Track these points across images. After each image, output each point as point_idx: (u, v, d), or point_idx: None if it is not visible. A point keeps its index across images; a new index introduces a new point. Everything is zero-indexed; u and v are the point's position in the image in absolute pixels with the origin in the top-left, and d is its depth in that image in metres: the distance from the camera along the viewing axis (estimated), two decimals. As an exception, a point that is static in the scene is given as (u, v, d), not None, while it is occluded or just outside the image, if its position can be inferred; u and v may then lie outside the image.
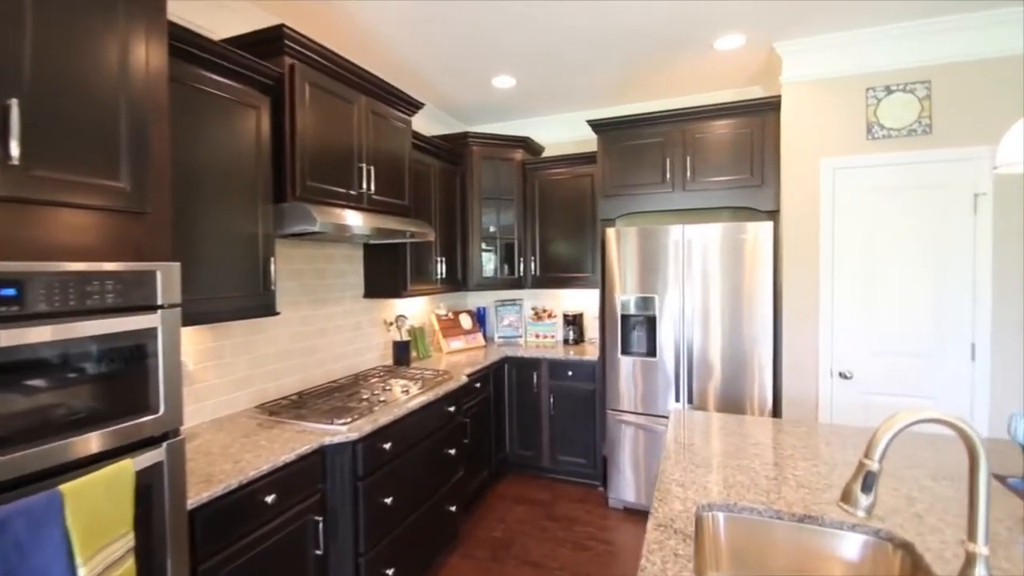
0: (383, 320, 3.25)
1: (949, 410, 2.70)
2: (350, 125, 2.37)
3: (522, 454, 3.67)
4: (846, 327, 2.82)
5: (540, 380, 3.59)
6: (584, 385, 3.47)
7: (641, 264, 3.11)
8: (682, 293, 3.02)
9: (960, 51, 2.57)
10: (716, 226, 2.95)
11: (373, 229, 2.29)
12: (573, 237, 3.78)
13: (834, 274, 2.84)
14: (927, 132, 2.65)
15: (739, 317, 2.92)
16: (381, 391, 2.47)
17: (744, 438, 1.87)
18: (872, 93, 2.73)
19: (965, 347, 2.64)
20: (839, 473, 1.54)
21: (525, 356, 3.62)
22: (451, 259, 3.55)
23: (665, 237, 3.05)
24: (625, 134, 3.29)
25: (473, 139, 3.69)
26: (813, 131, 2.84)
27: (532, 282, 3.92)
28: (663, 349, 3.08)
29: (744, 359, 2.92)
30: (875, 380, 2.78)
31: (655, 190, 3.23)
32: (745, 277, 2.90)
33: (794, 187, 2.89)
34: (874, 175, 2.75)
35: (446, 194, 3.50)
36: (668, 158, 3.18)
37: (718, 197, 3.10)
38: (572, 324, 3.96)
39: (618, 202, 3.33)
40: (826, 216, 2.83)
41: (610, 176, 3.34)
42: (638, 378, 3.15)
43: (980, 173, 2.58)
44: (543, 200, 3.86)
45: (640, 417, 3.14)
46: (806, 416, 2.89)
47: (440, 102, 3.76)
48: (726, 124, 3.06)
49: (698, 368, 3.01)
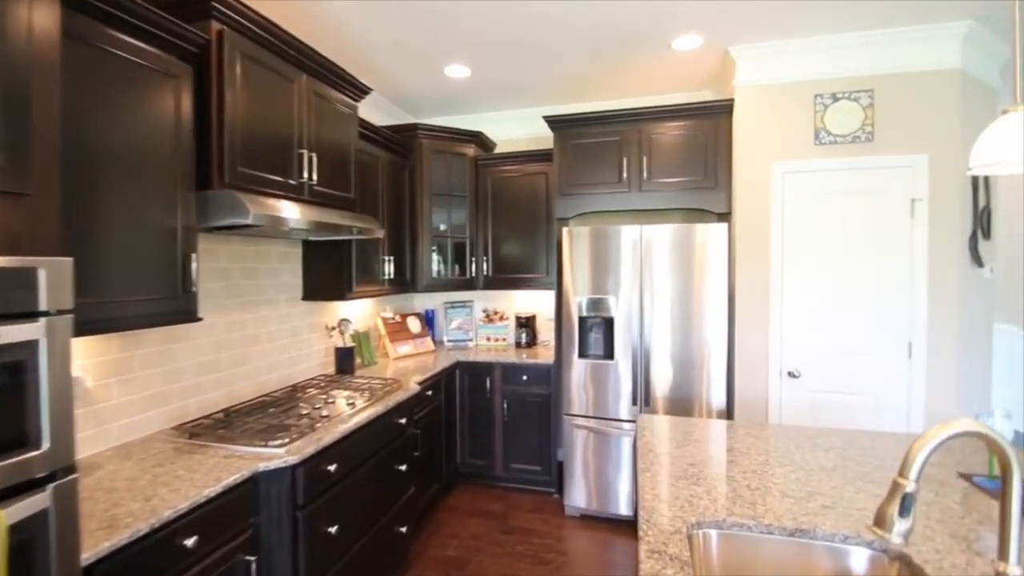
0: (324, 325, 2.97)
1: (888, 406, 2.83)
2: (289, 106, 2.11)
3: (474, 463, 3.49)
4: (795, 327, 2.88)
5: (493, 385, 3.43)
6: (539, 389, 3.35)
7: (598, 265, 3.04)
8: (640, 294, 2.98)
9: (901, 62, 2.69)
10: (674, 227, 2.93)
11: (314, 223, 2.05)
12: (526, 237, 3.66)
13: (784, 276, 2.89)
14: (870, 139, 2.75)
15: (696, 319, 2.91)
16: (323, 405, 2.22)
17: (716, 444, 1.81)
18: (820, 100, 2.81)
19: (903, 346, 2.76)
20: (817, 479, 1.50)
21: (478, 360, 3.45)
22: (399, 258, 3.32)
23: (623, 238, 2.99)
24: (581, 132, 3.21)
25: (423, 131, 3.48)
26: (764, 135, 2.88)
27: (484, 283, 3.76)
28: (620, 352, 3.02)
29: (701, 361, 2.91)
30: (821, 379, 2.86)
31: (612, 190, 3.17)
32: (702, 279, 2.90)
33: (746, 190, 2.92)
34: (821, 180, 2.83)
35: (394, 189, 3.27)
36: (625, 158, 3.13)
37: (673, 198, 3.09)
38: (525, 326, 3.84)
39: (574, 201, 3.25)
40: (776, 219, 2.88)
41: (566, 174, 3.25)
42: (595, 381, 3.07)
43: (917, 179, 2.71)
44: (496, 198, 3.71)
45: (597, 422, 3.06)
46: (757, 415, 2.93)
47: (389, 90, 3.52)
48: (681, 125, 3.06)
49: (655, 370, 2.97)
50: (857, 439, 1.86)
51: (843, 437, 1.88)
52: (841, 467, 1.60)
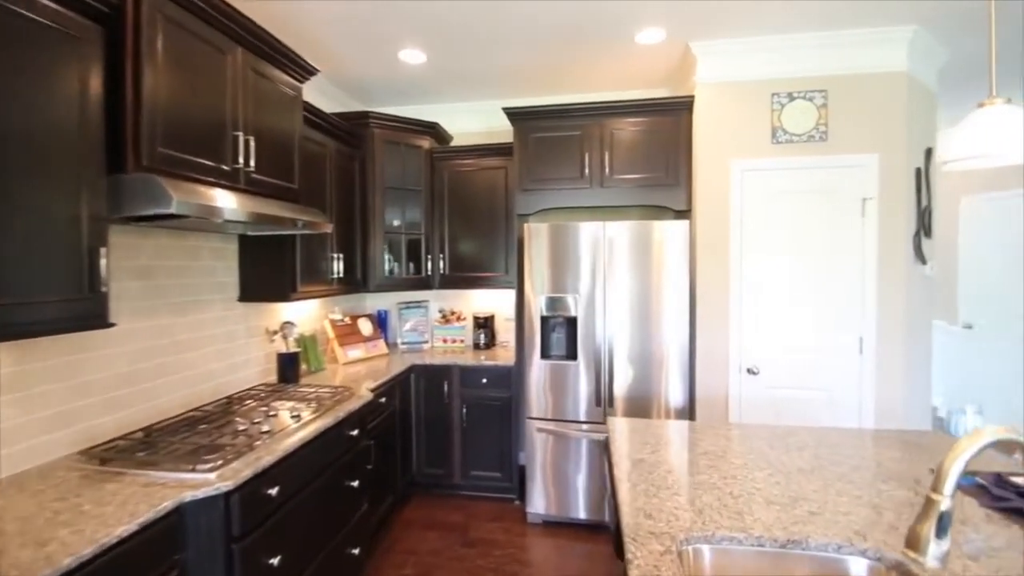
0: (265, 328, 2.70)
1: (841, 400, 2.89)
2: (222, 82, 1.86)
3: (432, 473, 3.31)
4: (754, 325, 2.90)
5: (451, 389, 3.26)
6: (499, 393, 3.22)
7: (560, 263, 2.94)
8: (604, 293, 2.90)
9: (852, 64, 2.75)
10: (636, 224, 2.87)
11: (253, 215, 1.82)
12: (485, 234, 3.52)
13: (743, 274, 2.90)
14: (823, 139, 2.80)
15: (658, 317, 2.87)
16: (264, 419, 1.98)
17: (691, 447, 1.74)
18: (777, 99, 2.83)
19: (854, 341, 2.83)
20: (796, 482, 1.45)
21: (434, 364, 3.27)
22: (349, 256, 3.09)
23: (586, 234, 2.91)
24: (542, 125, 3.10)
25: (376, 120, 3.26)
26: (724, 133, 2.88)
27: (440, 282, 3.59)
28: (584, 352, 2.93)
29: (663, 359, 2.87)
30: (778, 375, 2.89)
31: (573, 185, 3.08)
32: (665, 276, 2.86)
33: (706, 187, 2.91)
34: (778, 178, 2.85)
35: (344, 181, 3.04)
36: (587, 153, 3.05)
37: (635, 195, 3.03)
38: (483, 327, 3.70)
39: (535, 197, 3.13)
40: (735, 217, 2.89)
41: (527, 169, 3.13)
42: (557, 383, 2.97)
43: (868, 178, 2.78)
44: (453, 193, 3.55)
45: (559, 424, 2.97)
46: (717, 413, 2.93)
47: (339, 76, 3.27)
48: (643, 122, 3.01)
49: (618, 370, 2.90)
50: (826, 437, 1.85)
51: (813, 435, 1.86)
52: (818, 468, 1.56)
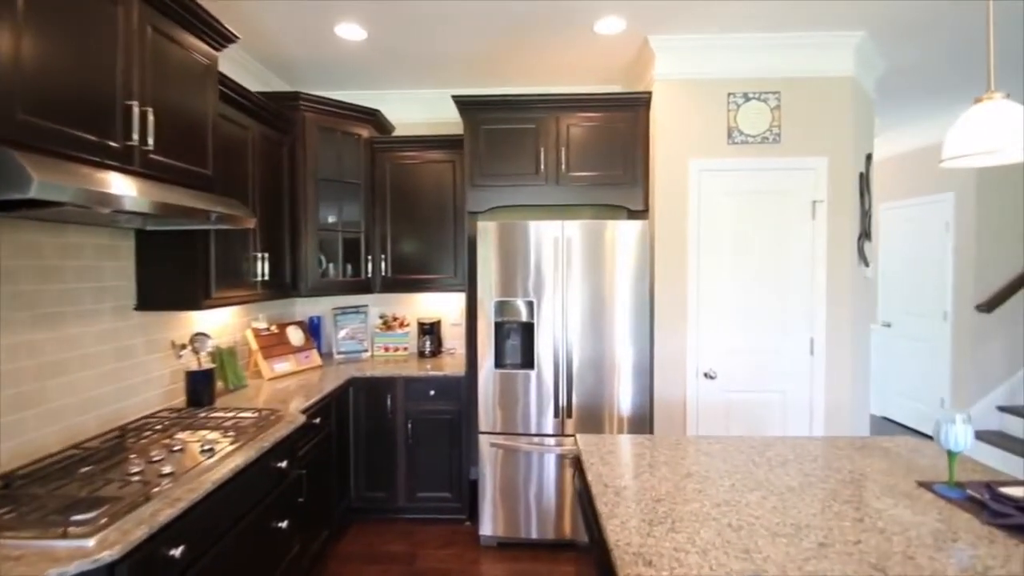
0: (170, 342, 2.28)
1: (793, 401, 2.89)
2: (111, 37, 1.49)
3: (372, 497, 2.99)
4: (711, 327, 2.84)
5: (395, 403, 2.96)
6: (448, 405, 2.96)
7: (516, 264, 2.73)
8: (563, 296, 2.73)
9: (804, 67, 2.75)
10: (597, 224, 2.72)
11: (153, 204, 1.46)
12: (431, 232, 3.24)
13: (700, 276, 2.84)
14: (777, 140, 2.79)
15: (620, 321, 2.73)
16: (166, 456, 1.62)
17: (671, 468, 1.59)
18: (733, 99, 2.78)
19: (806, 342, 2.84)
20: (793, 505, 1.32)
21: (376, 375, 2.96)
22: (276, 256, 2.71)
23: (543, 234, 2.72)
24: (495, 117, 2.88)
25: (308, 103, 2.90)
26: (682, 131, 2.80)
27: (381, 285, 3.27)
28: (541, 359, 2.74)
29: (624, 365, 2.74)
30: (734, 378, 2.85)
31: (528, 182, 2.89)
32: (627, 279, 2.73)
33: (665, 187, 2.81)
34: (734, 179, 2.81)
35: (270, 170, 2.66)
36: (542, 148, 2.87)
37: (592, 194, 2.89)
38: (429, 333, 3.42)
39: (487, 194, 2.91)
40: (693, 218, 2.82)
41: (478, 164, 2.90)
42: (512, 394, 2.76)
43: (818, 181, 2.80)
44: (396, 187, 3.24)
45: (515, 439, 2.75)
46: (675, 418, 2.84)
47: (265, 53, 2.88)
48: (601, 117, 2.87)
49: (579, 378, 2.74)
50: (804, 448, 1.76)
51: (790, 447, 1.77)
52: (807, 486, 1.45)
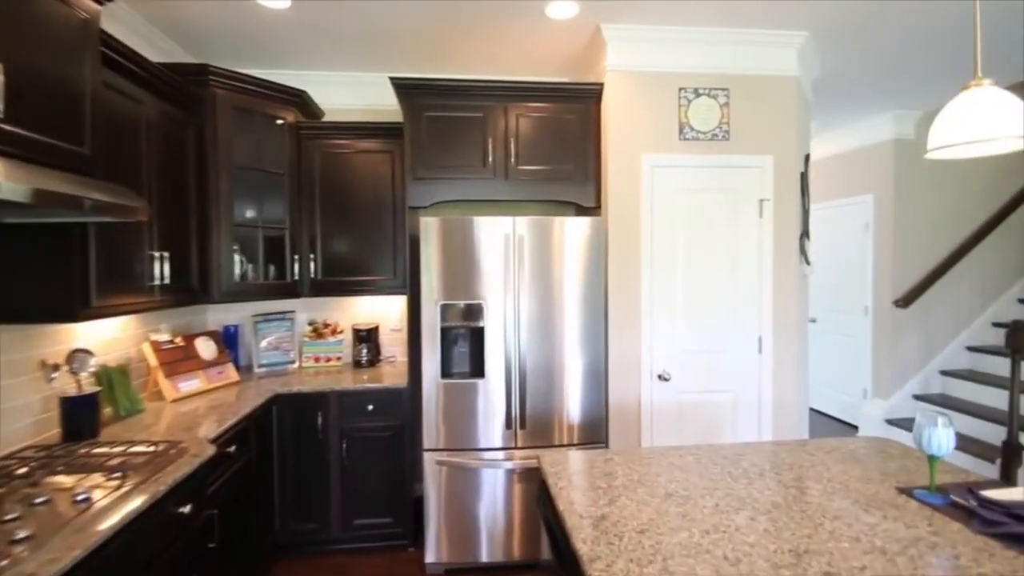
0: (39, 362, 1.85)
1: (743, 400, 2.87)
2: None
3: (301, 529, 2.65)
4: (664, 328, 2.76)
5: (327, 421, 2.64)
6: (388, 421, 2.68)
7: (464, 263, 2.51)
8: (516, 298, 2.53)
9: (752, 64, 2.74)
10: (552, 220, 2.55)
11: (8, 187, 1.11)
12: (368, 230, 2.94)
13: (653, 274, 2.75)
14: (726, 138, 2.76)
15: (575, 323, 2.58)
16: (24, 511, 1.25)
17: (648, 488, 1.43)
18: (684, 94, 2.72)
19: (754, 341, 2.83)
20: (785, 526, 1.20)
21: (304, 391, 2.62)
22: (180, 255, 2.32)
23: (494, 231, 2.51)
24: (439, 103, 2.64)
25: (220, 78, 2.51)
26: (634, 125, 2.70)
27: (310, 288, 2.92)
28: (492, 367, 2.53)
29: (581, 369, 2.59)
30: (687, 379, 2.79)
31: (475, 175, 2.67)
32: (583, 278, 2.58)
33: (618, 183, 2.70)
34: (685, 176, 2.75)
35: (171, 155, 2.26)
36: (490, 139, 2.66)
37: (543, 189, 2.72)
38: (365, 341, 3.11)
39: (430, 187, 2.66)
40: (646, 214, 2.72)
41: (420, 154, 2.64)
42: (461, 406, 2.53)
43: (765, 179, 2.80)
44: (327, 179, 2.91)
45: (464, 455, 2.53)
46: (630, 421, 2.73)
47: (171, 21, 2.47)
48: (552, 108, 2.71)
49: (533, 386, 2.55)
50: (777, 456, 1.68)
51: (762, 455, 1.68)
52: (793, 501, 1.34)
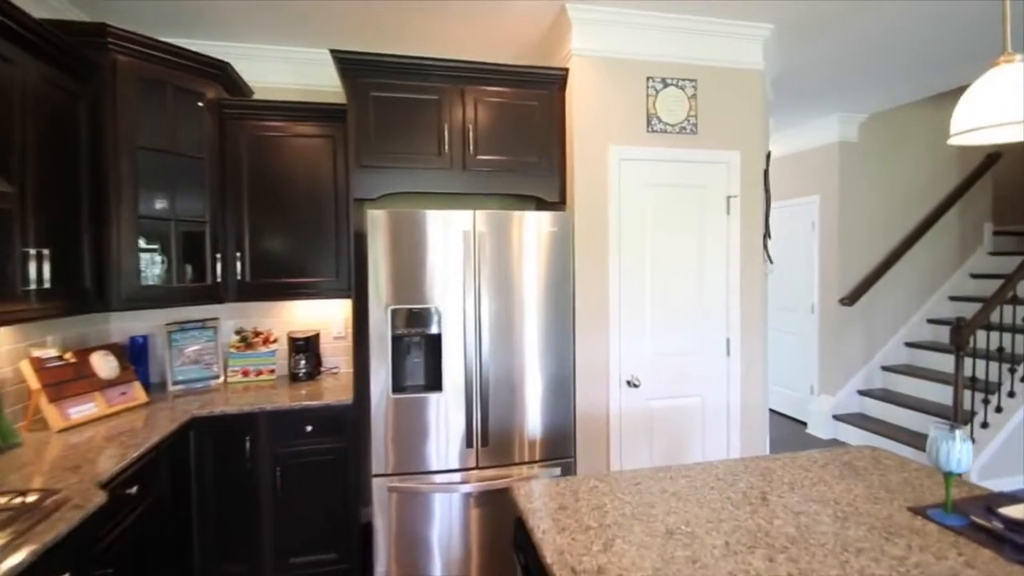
0: None
1: (712, 405, 2.76)
2: None
3: (226, 573, 2.27)
4: (633, 331, 2.60)
5: (257, 446, 2.28)
6: (330, 443, 2.35)
7: (417, 263, 2.23)
8: (477, 301, 2.28)
9: (720, 56, 2.63)
10: (516, 215, 2.32)
11: None
12: (306, 224, 2.60)
13: (622, 274, 2.58)
14: (694, 132, 2.64)
15: (542, 327, 2.36)
16: None
17: (645, 524, 1.22)
18: (652, 83, 2.58)
19: (722, 343, 2.73)
20: (811, 568, 1.03)
21: (230, 412, 2.24)
22: (68, 254, 1.91)
23: (453, 226, 2.26)
24: (388, 83, 2.36)
25: (120, 41, 2.11)
26: (601, 114, 2.52)
27: (237, 292, 2.54)
28: (450, 379, 2.27)
29: (548, 377, 2.37)
30: (656, 384, 2.64)
31: (429, 165, 2.40)
32: (551, 278, 2.37)
33: (585, 175, 2.51)
34: (653, 170, 2.61)
35: (56, 130, 1.85)
36: (446, 124, 2.40)
37: (504, 181, 2.49)
38: (304, 351, 2.75)
39: (379, 177, 2.37)
40: (614, 210, 2.55)
41: (367, 140, 2.34)
42: (415, 423, 2.24)
43: (732, 176, 2.70)
44: (257, 167, 2.54)
45: (419, 479, 2.24)
46: (598, 430, 2.55)
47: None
48: (512, 93, 2.49)
49: (495, 398, 2.31)
50: (770, 471, 1.53)
51: (755, 472, 1.52)
52: (807, 532, 1.18)
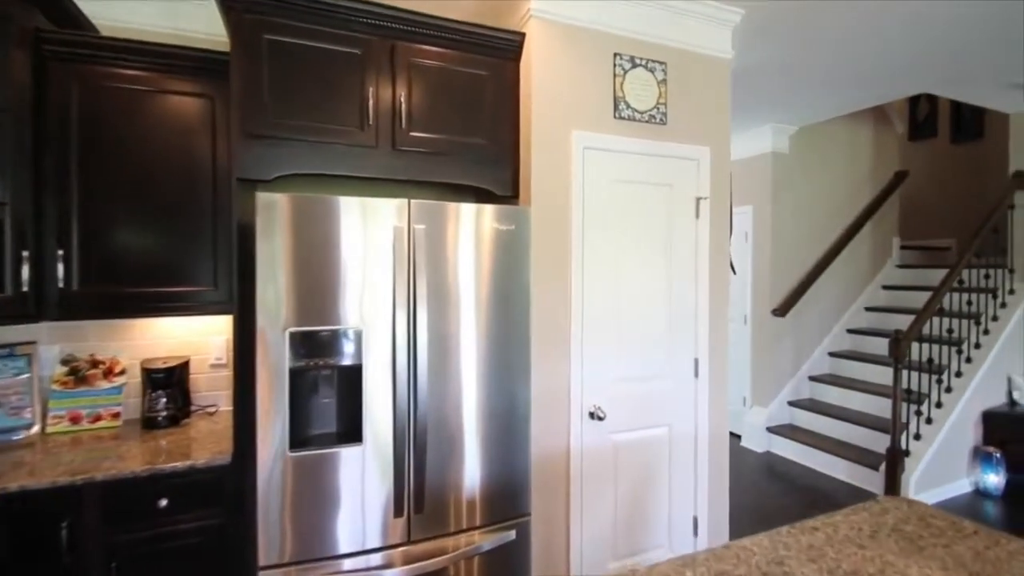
0: None
1: (680, 434, 2.41)
2: None
3: None
4: (597, 353, 2.20)
5: (81, 535, 1.55)
6: (198, 522, 1.67)
7: (329, 268, 1.64)
8: (411, 319, 1.72)
9: (689, 38, 2.32)
10: (464, 208, 1.81)
11: None
12: (170, 212, 1.90)
13: (584, 285, 2.17)
14: (663, 122, 2.30)
15: (495, 352, 1.86)
16: None
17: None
18: (619, 61, 2.20)
19: (690, 364, 2.41)
20: None
21: (36, 488, 1.50)
22: None
23: (378, 218, 1.69)
24: (291, 27, 1.76)
25: None
26: (564, 92, 2.10)
27: (60, 305, 1.78)
28: (375, 425, 1.69)
29: (498, 415, 1.87)
30: (621, 415, 2.26)
31: (349, 140, 1.83)
32: (504, 289, 1.87)
33: (544, 165, 2.07)
34: (620, 164, 2.23)
35: None
36: (371, 89, 1.85)
37: (445, 168, 1.98)
38: (165, 386, 2.03)
39: (276, 152, 1.75)
40: (577, 210, 2.14)
41: (259, 101, 1.72)
42: (323, 490, 1.63)
43: (702, 174, 2.40)
44: (95, 131, 1.81)
45: (330, 566, 1.63)
46: (558, 472, 2.11)
47: None
48: (457, 58, 1.99)
49: (435, 449, 1.76)
50: (818, 552, 1.14)
51: (797, 555, 1.13)
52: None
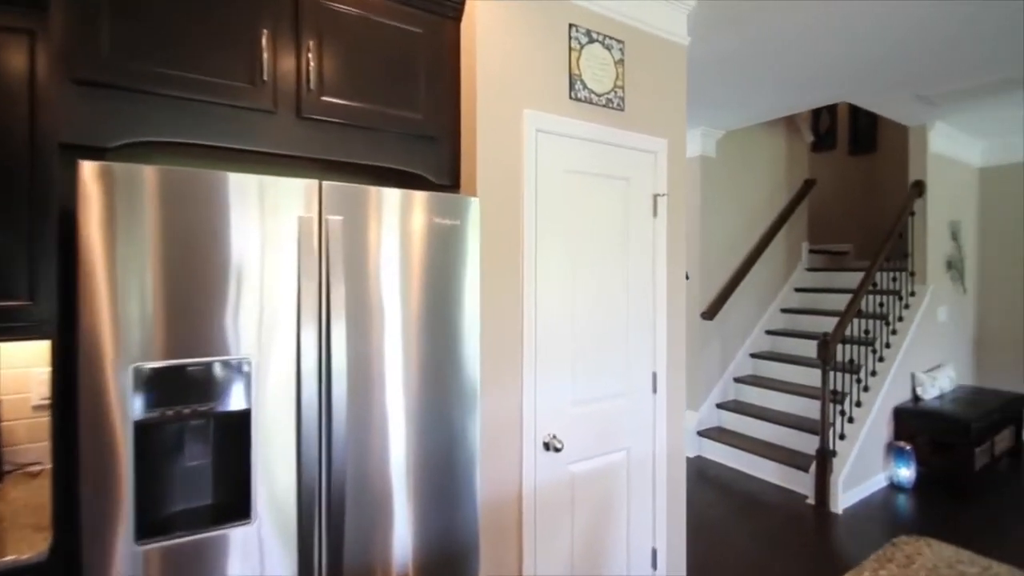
0: None
1: (638, 458, 2.16)
2: None
3: None
4: (551, 374, 1.88)
5: None
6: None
7: (204, 273, 1.17)
8: (323, 342, 1.28)
9: (647, 17, 2.09)
10: (394, 194, 1.40)
11: None
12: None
13: (539, 293, 1.84)
14: (621, 107, 2.04)
15: (435, 380, 1.47)
16: None
17: None
18: (575, 34, 1.91)
19: (648, 378, 2.17)
20: None
21: None
22: None
23: (275, 206, 1.24)
24: (144, -65, 1.27)
25: None
26: (514, 64, 1.77)
27: None
28: (270, 493, 1.23)
29: (440, 459, 1.49)
30: (578, 442, 1.97)
31: (232, 99, 1.36)
32: (443, 298, 1.49)
33: (491, 147, 1.72)
34: (575, 152, 1.94)
35: None
36: (266, 33, 1.40)
37: (367, 147, 1.57)
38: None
39: (123, 108, 1.25)
40: (529, 203, 1.81)
41: (94, 35, 1.21)
42: None
43: (660, 168, 2.18)
44: None
45: None
46: (507, 520, 1.76)
47: None
48: (385, 8, 1.58)
49: (356, 517, 1.34)
50: None
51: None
52: None
